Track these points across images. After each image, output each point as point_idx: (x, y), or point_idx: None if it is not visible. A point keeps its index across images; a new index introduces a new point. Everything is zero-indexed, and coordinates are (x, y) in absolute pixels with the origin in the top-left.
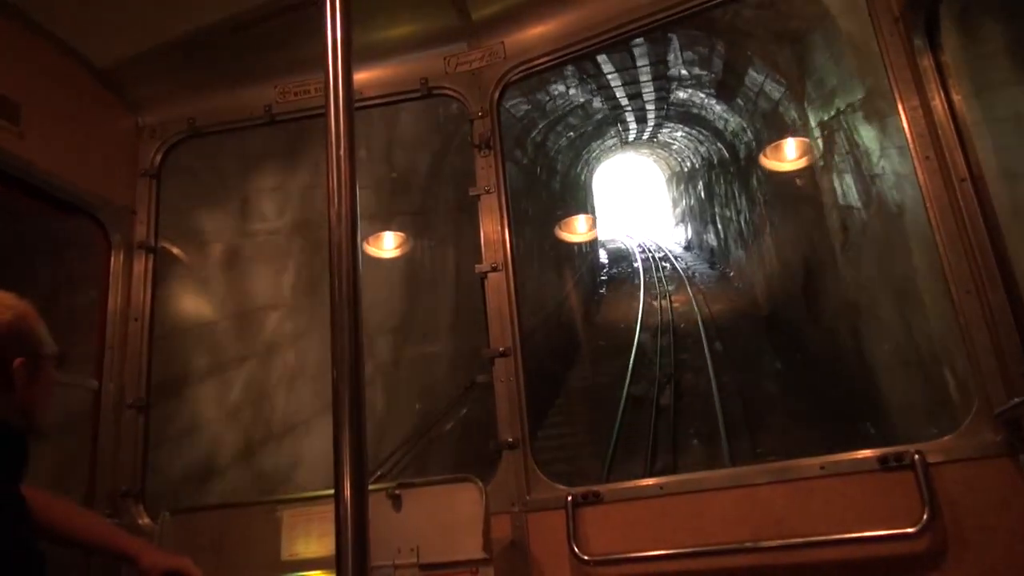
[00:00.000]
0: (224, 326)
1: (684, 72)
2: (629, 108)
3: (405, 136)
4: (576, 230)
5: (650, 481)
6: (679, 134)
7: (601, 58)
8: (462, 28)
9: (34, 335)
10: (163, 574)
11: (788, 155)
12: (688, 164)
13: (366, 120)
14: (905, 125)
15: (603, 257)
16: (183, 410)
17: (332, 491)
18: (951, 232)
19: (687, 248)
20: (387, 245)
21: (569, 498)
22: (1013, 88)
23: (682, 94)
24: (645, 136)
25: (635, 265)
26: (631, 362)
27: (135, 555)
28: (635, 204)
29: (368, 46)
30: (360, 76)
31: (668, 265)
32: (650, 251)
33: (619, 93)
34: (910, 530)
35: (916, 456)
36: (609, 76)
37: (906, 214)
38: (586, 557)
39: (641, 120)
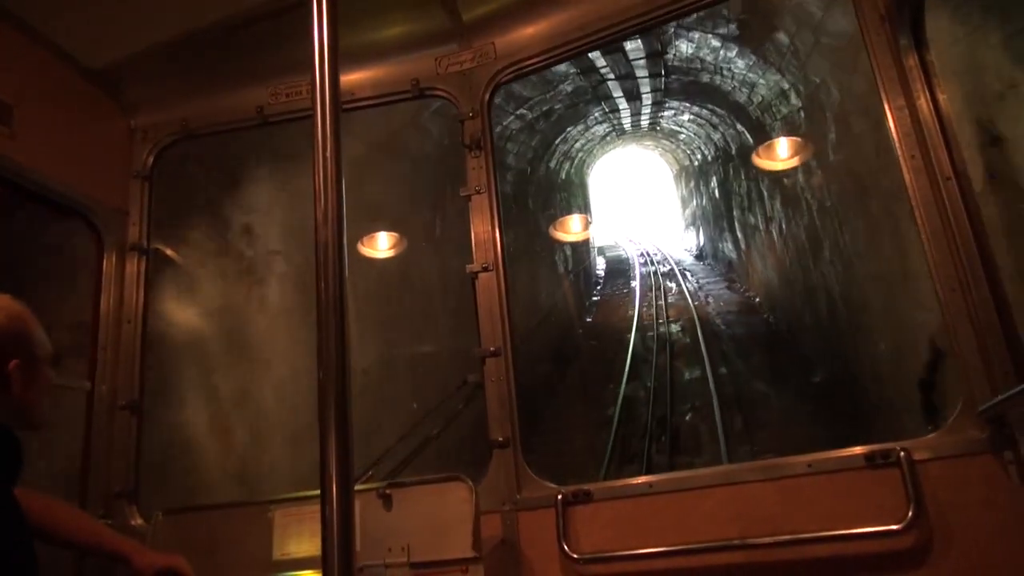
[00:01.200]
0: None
1: None
2: (608, 71)
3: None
4: (558, 237)
5: (640, 480)
6: (686, 117)
7: None
8: (453, 29)
9: (30, 336)
10: (157, 574)
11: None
12: (699, 156)
13: None
14: (891, 124)
15: (601, 264)
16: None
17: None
18: (936, 230)
19: (699, 257)
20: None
21: (559, 497)
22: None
23: (685, 47)
24: (644, 123)
25: (632, 284)
26: None
27: (128, 556)
28: (641, 205)
29: (359, 47)
30: (352, 77)
31: (674, 286)
32: (654, 261)
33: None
34: (895, 527)
35: (902, 453)
36: None
37: None
38: (576, 555)
39: (632, 96)
